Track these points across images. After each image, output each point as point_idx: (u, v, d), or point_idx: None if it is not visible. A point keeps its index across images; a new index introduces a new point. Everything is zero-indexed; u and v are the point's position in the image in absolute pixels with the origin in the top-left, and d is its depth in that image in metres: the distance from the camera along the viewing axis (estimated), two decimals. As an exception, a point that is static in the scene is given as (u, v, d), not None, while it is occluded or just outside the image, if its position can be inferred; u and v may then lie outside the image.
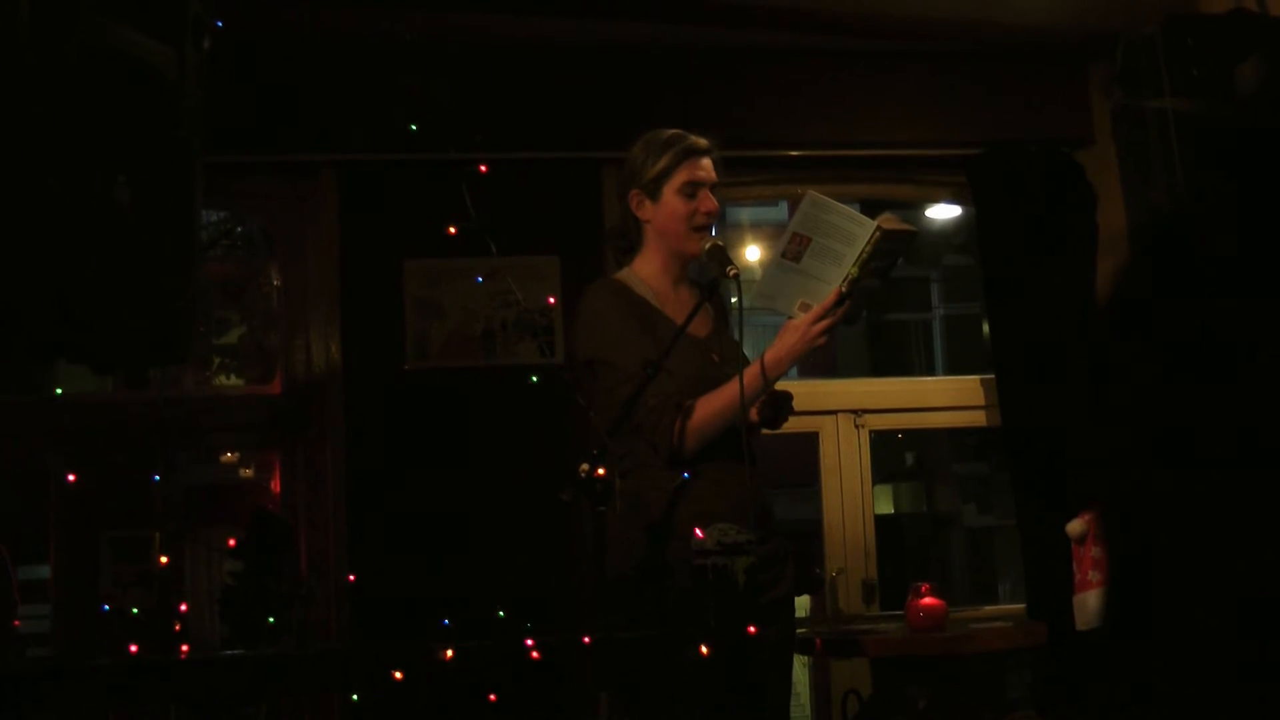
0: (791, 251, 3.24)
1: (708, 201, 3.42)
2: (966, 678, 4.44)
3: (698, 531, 2.94)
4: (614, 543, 3.13)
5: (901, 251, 3.35)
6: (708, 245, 3.37)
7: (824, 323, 3.24)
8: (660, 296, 3.45)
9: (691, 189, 3.40)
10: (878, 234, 3.19)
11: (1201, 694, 0.70)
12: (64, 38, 2.06)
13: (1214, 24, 3.80)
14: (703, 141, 3.46)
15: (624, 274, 3.50)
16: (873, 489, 5.39)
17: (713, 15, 4.66)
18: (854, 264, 3.21)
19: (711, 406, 3.26)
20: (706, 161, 3.45)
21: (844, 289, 3.23)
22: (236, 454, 6.39)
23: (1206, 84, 3.70)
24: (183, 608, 4.60)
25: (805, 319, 3.25)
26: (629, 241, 3.53)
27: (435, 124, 3.96)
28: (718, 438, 3.26)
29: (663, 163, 3.40)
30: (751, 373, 3.23)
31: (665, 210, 3.42)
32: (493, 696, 3.10)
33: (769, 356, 3.27)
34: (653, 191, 3.42)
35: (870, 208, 3.38)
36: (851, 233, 3.21)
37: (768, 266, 3.29)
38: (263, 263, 5.90)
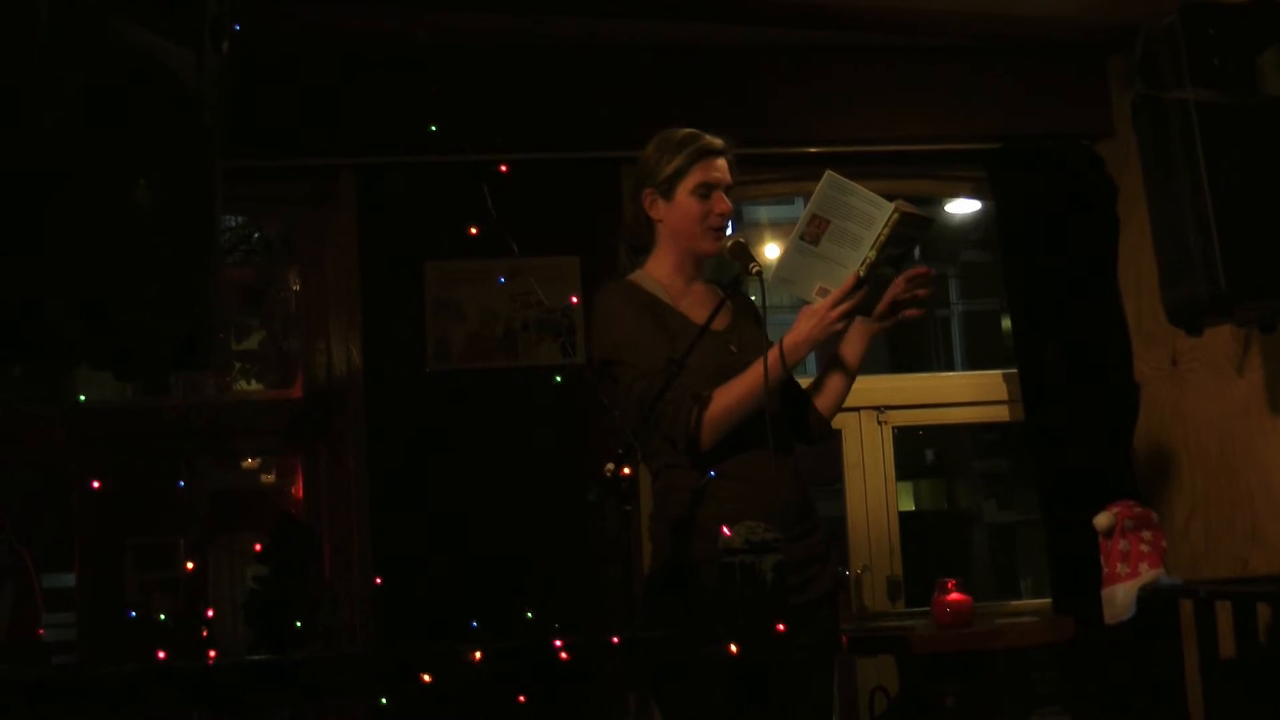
0: (810, 234, 3.22)
1: (721, 203, 3.39)
2: (994, 673, 4.42)
3: (725, 530, 2.91)
4: (641, 542, 3.11)
5: (917, 239, 3.35)
6: (729, 243, 3.33)
7: (841, 307, 3.22)
8: (673, 294, 3.42)
9: (705, 190, 3.37)
10: (895, 216, 3.20)
11: None
12: (82, 40, 2.05)
13: (1235, 12, 3.76)
14: (718, 142, 3.42)
15: (636, 275, 3.46)
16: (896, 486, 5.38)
17: (732, 13, 4.64)
18: (871, 247, 3.21)
19: (732, 394, 3.22)
20: (721, 162, 3.41)
21: (861, 273, 3.23)
22: (258, 459, 6.39)
23: (1229, 73, 3.67)
24: (209, 613, 4.61)
25: (823, 304, 3.24)
26: (641, 241, 3.49)
27: (454, 125, 3.95)
28: (742, 426, 3.23)
29: (677, 162, 3.37)
30: (771, 355, 3.19)
31: (678, 210, 3.39)
32: (522, 698, 3.09)
33: (787, 341, 3.25)
34: (666, 191, 3.39)
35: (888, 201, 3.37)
36: (870, 215, 3.21)
37: (786, 249, 3.26)
38: (282, 267, 5.90)
